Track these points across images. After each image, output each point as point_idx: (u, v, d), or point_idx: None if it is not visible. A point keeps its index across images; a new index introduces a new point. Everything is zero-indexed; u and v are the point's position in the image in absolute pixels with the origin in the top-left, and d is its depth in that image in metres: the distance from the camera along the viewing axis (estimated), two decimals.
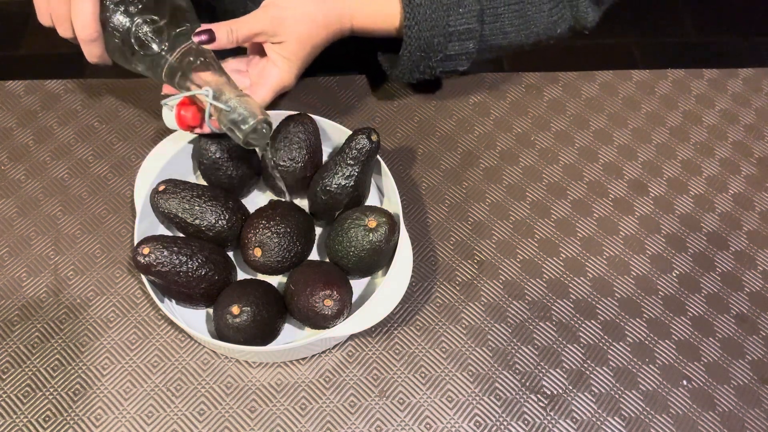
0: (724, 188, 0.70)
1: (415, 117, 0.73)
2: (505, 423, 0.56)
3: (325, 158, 0.66)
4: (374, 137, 0.58)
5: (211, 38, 0.55)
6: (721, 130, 0.74)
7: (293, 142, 0.61)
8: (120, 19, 0.54)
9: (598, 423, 0.56)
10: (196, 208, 0.58)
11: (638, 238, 0.66)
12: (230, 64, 0.63)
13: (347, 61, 0.78)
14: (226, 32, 0.56)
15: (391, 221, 0.56)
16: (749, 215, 0.68)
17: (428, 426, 0.56)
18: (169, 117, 0.56)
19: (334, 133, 0.65)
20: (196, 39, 0.55)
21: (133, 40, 0.54)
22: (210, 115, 0.53)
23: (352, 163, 0.59)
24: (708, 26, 1.86)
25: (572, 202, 0.68)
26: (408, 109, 0.74)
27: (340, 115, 0.73)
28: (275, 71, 0.60)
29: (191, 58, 0.54)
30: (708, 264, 0.65)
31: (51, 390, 0.56)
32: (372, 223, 0.56)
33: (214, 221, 0.58)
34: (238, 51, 0.63)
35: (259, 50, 0.62)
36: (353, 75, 0.76)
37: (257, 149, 0.57)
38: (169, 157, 0.62)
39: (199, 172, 0.65)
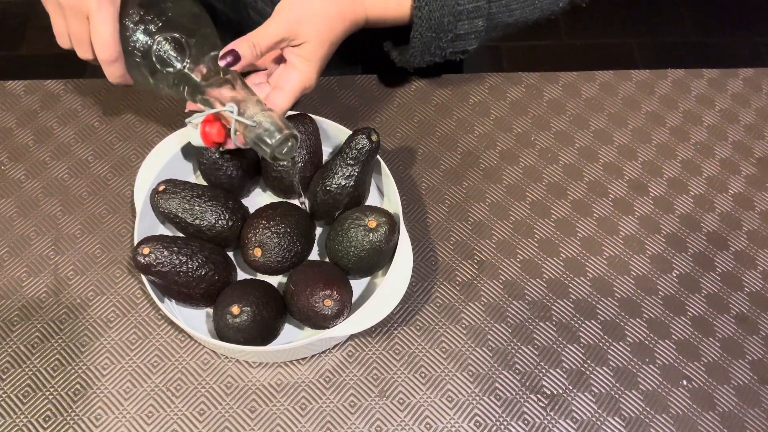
0: (724, 188, 0.70)
1: (415, 117, 0.73)
2: (505, 423, 0.56)
3: (325, 158, 0.66)
4: (374, 137, 0.58)
5: (236, 58, 0.53)
6: (721, 130, 0.74)
7: None
8: (140, 38, 0.52)
9: (598, 423, 0.56)
10: (196, 208, 0.58)
11: (638, 238, 0.66)
12: (251, 79, 0.61)
13: (348, 59, 0.78)
14: (249, 48, 0.54)
15: (391, 221, 0.56)
16: (749, 215, 0.68)
17: (428, 426, 0.56)
18: (193, 134, 0.55)
19: (334, 133, 0.65)
20: (222, 63, 0.53)
21: (154, 59, 0.53)
22: (235, 131, 0.52)
23: (352, 163, 0.59)
24: (708, 26, 1.86)
25: (572, 202, 0.68)
26: (408, 109, 0.74)
27: (340, 115, 0.72)
28: (295, 74, 0.57)
29: (213, 74, 0.53)
30: (708, 264, 0.65)
31: (51, 390, 0.56)
32: (372, 223, 0.56)
33: (214, 221, 0.58)
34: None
35: (276, 59, 0.61)
36: (353, 75, 0.76)
37: (285, 162, 0.57)
38: (169, 157, 0.62)
39: (199, 172, 0.66)
